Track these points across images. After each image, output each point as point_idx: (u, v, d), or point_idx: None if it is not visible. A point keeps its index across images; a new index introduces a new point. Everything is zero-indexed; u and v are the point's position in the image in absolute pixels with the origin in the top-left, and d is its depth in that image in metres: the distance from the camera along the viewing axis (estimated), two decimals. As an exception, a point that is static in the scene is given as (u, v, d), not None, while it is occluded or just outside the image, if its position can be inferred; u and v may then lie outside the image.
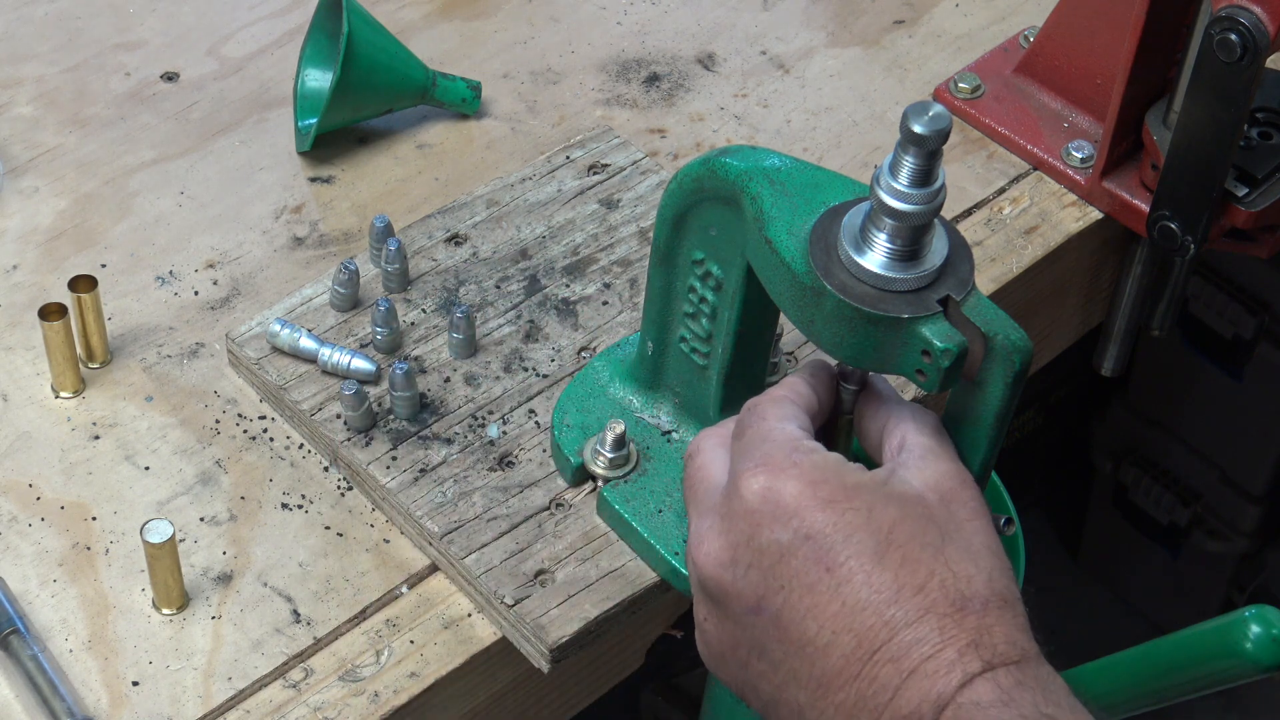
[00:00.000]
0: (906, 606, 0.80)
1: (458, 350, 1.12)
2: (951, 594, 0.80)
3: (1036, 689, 0.79)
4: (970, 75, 1.32)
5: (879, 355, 0.86)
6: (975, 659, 0.79)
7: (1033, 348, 0.85)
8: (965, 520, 0.84)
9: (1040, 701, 0.78)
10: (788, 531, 0.82)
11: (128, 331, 1.16)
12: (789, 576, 0.82)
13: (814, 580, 0.81)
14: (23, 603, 1.03)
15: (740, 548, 0.84)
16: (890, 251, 0.84)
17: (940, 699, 0.78)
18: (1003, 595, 0.81)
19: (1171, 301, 1.34)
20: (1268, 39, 1.09)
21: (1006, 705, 0.78)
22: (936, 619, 0.80)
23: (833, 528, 0.82)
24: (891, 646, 0.80)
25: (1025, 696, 0.78)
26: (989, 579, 0.81)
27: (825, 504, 0.82)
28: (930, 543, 0.82)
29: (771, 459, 0.84)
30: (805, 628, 0.82)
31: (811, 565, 0.82)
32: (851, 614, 0.81)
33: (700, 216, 0.95)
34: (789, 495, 0.83)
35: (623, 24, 1.38)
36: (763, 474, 0.84)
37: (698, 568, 0.86)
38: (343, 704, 1.00)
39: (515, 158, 1.28)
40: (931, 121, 0.81)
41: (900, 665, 0.79)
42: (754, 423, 0.88)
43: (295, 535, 1.06)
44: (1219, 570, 1.94)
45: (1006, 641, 0.80)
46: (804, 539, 0.82)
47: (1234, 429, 1.87)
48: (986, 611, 0.80)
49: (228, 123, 1.29)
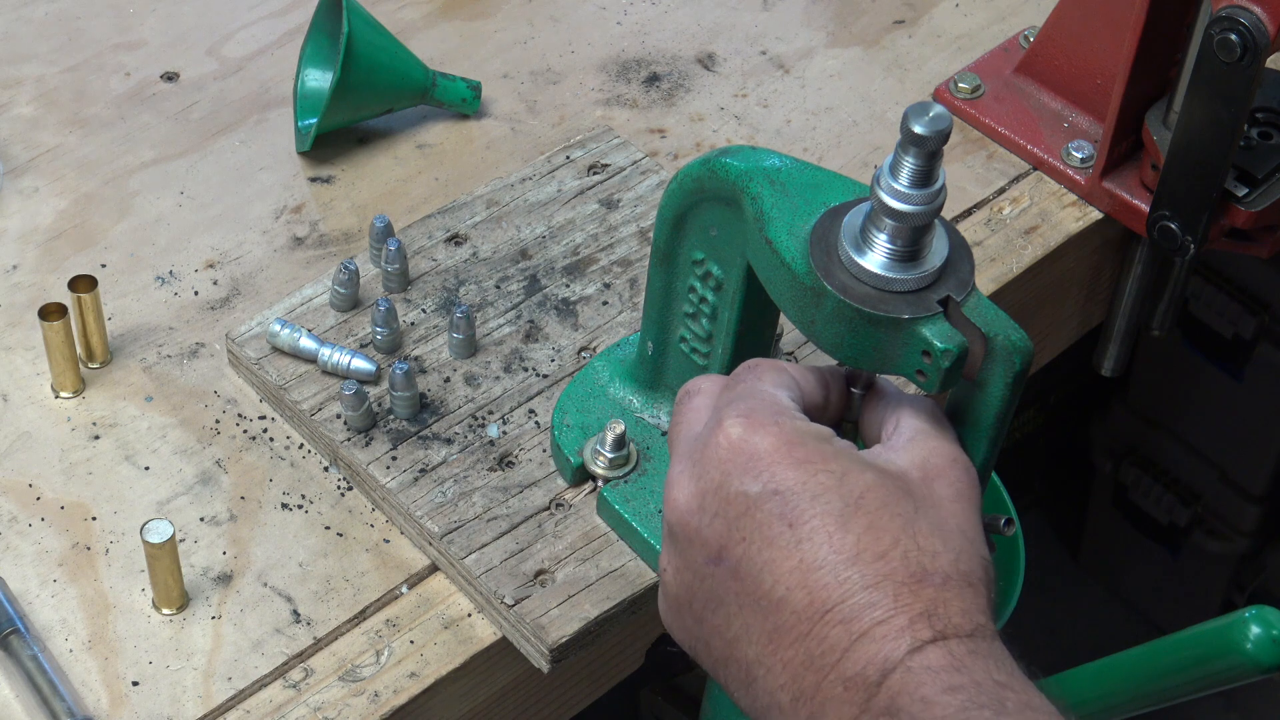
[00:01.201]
0: (864, 570, 0.79)
1: (458, 350, 1.12)
2: (913, 565, 0.80)
3: (989, 659, 0.78)
4: (970, 75, 1.32)
5: (879, 356, 0.86)
6: (927, 628, 0.78)
7: (1033, 348, 0.85)
8: (945, 500, 0.83)
9: (993, 669, 0.78)
10: (757, 484, 0.82)
11: (128, 331, 1.16)
12: (752, 529, 0.82)
13: (775, 534, 0.81)
14: (23, 603, 1.03)
15: (709, 494, 0.83)
16: (890, 252, 0.84)
17: (888, 662, 0.77)
18: (966, 576, 0.80)
19: (1171, 301, 1.34)
20: (1268, 39, 1.09)
21: (958, 671, 0.77)
22: (893, 586, 0.79)
23: (801, 486, 0.81)
24: (844, 608, 0.79)
25: (978, 664, 0.78)
26: (955, 558, 0.81)
27: (798, 463, 0.82)
28: (900, 513, 0.81)
29: (754, 413, 0.84)
30: (761, 580, 0.81)
31: (775, 520, 0.81)
32: (808, 571, 0.80)
33: (700, 217, 0.95)
34: (763, 449, 0.82)
35: (623, 24, 1.38)
36: (741, 424, 0.83)
37: (668, 509, 0.86)
38: (343, 704, 1.00)
39: (515, 158, 1.28)
40: (932, 122, 0.81)
41: (850, 627, 0.79)
42: (748, 379, 0.87)
43: (295, 535, 1.06)
44: (1219, 570, 1.94)
45: (961, 614, 0.79)
46: (772, 493, 0.81)
47: (1234, 429, 1.87)
48: (946, 586, 0.79)
49: (228, 123, 1.29)
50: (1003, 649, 0.80)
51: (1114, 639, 2.05)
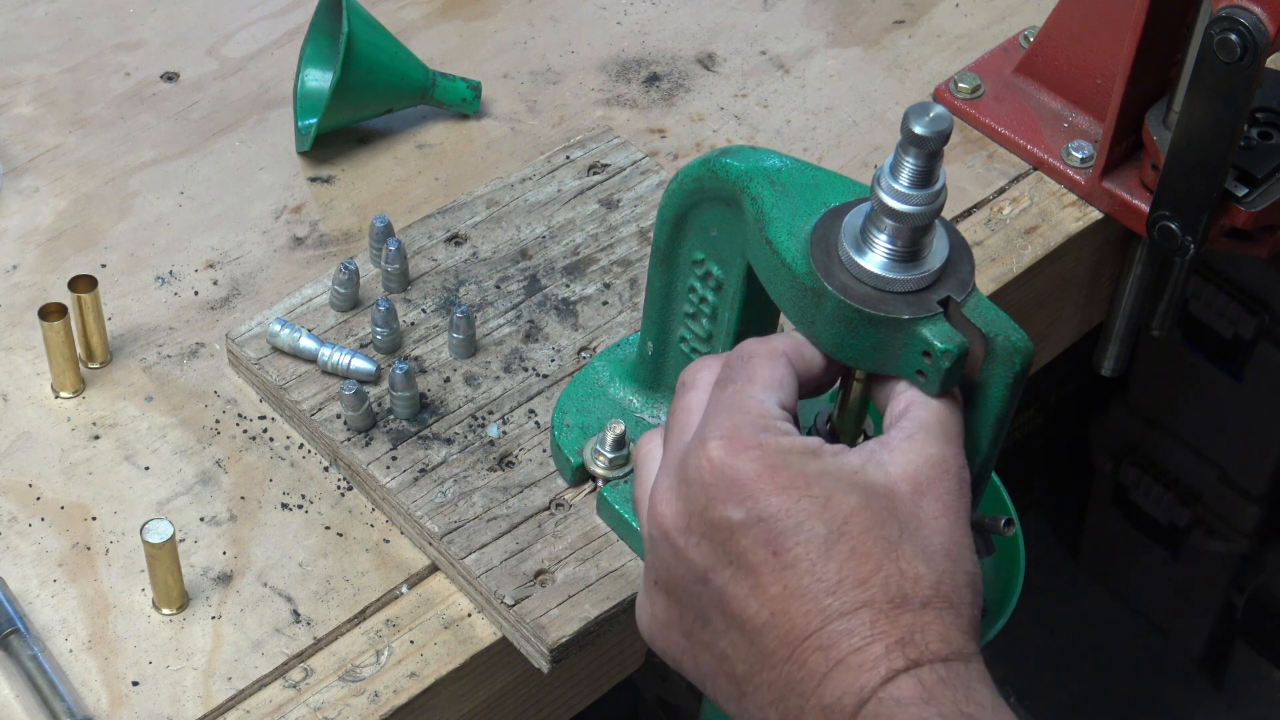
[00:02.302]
0: (844, 598, 0.79)
1: (458, 350, 1.12)
2: (893, 591, 0.80)
3: (960, 687, 0.78)
4: (970, 75, 1.32)
5: (879, 356, 0.86)
6: (901, 656, 0.78)
7: (1033, 348, 0.85)
8: (932, 518, 0.83)
9: (961, 700, 0.78)
10: (741, 510, 0.82)
11: (128, 331, 1.16)
12: (737, 554, 0.82)
13: (759, 561, 0.81)
14: (23, 603, 1.03)
15: (694, 517, 0.83)
16: (891, 252, 0.84)
17: (862, 692, 0.78)
18: (948, 598, 0.81)
19: (1171, 301, 1.34)
20: (1268, 39, 1.09)
21: (927, 703, 0.77)
22: (870, 613, 0.79)
23: (785, 513, 0.81)
24: (822, 635, 0.79)
25: (946, 695, 0.78)
26: (937, 580, 0.81)
27: (782, 489, 0.82)
28: (885, 537, 0.81)
29: (739, 433, 0.83)
30: (747, 605, 0.81)
31: (760, 546, 0.81)
32: (790, 598, 0.80)
33: (700, 217, 0.95)
34: (746, 475, 0.82)
35: (623, 24, 1.38)
36: (724, 446, 0.83)
37: (654, 523, 0.85)
38: (343, 704, 1.00)
39: (515, 158, 1.28)
40: (932, 123, 0.81)
41: (829, 654, 0.79)
42: (739, 379, 0.86)
43: (295, 535, 1.06)
44: (1219, 570, 1.94)
45: (940, 639, 0.79)
46: (756, 520, 0.81)
47: (1234, 429, 1.87)
48: (926, 610, 0.80)
49: (228, 123, 1.29)
50: (980, 670, 0.80)
51: (1114, 639, 2.06)
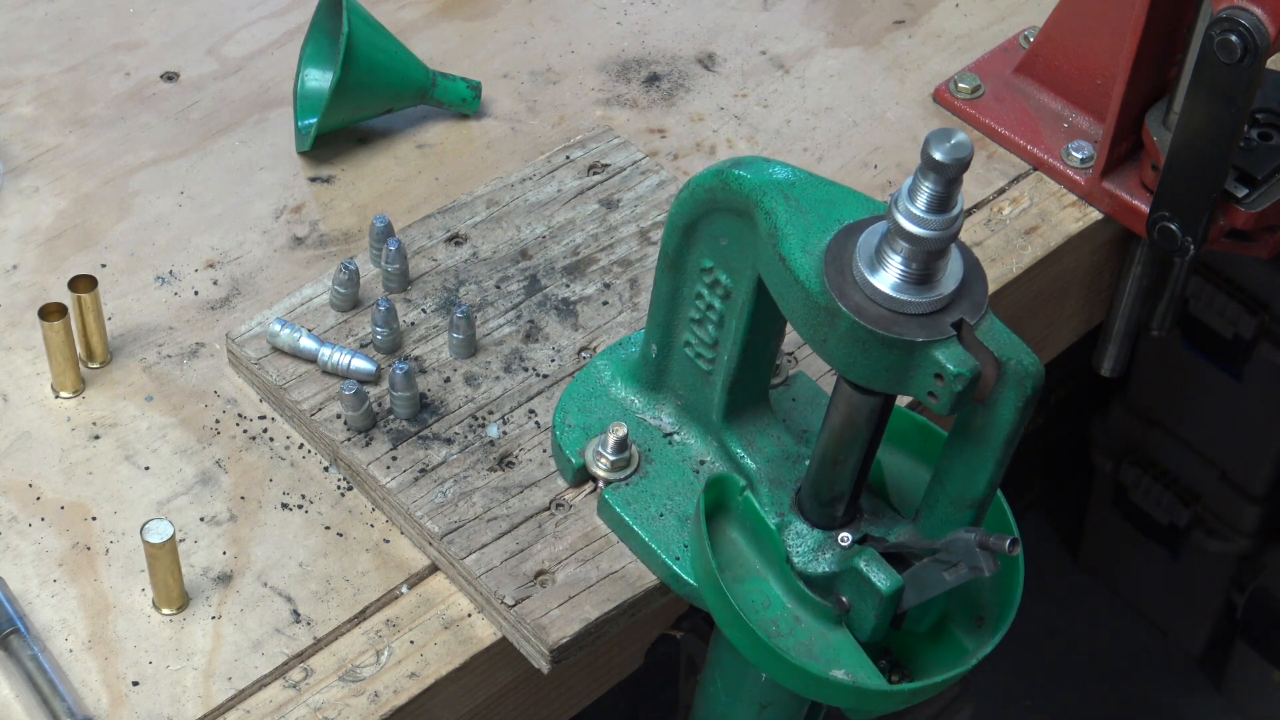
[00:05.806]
0: None
1: (458, 350, 1.12)
2: None
3: None
4: (970, 75, 1.32)
5: (891, 376, 0.85)
6: None
7: (1044, 373, 0.85)
8: None
9: None
10: None
11: (128, 331, 1.16)
12: None
13: None
14: (23, 603, 1.03)
15: None
16: (905, 274, 0.84)
17: None
18: None
19: (1171, 301, 1.34)
20: (1268, 40, 1.09)
21: None
22: None
23: None
24: None
25: None
26: None
27: None
28: None
29: None
30: None
31: None
32: None
33: (711, 226, 0.95)
34: None
35: (623, 24, 1.38)
36: None
37: None
38: (343, 704, 1.00)
39: (515, 158, 1.28)
40: (953, 150, 0.80)
41: None
42: None
43: (295, 535, 1.06)
44: (1219, 570, 1.94)
45: None
46: None
47: (1234, 429, 1.87)
48: None
49: (228, 123, 1.29)
50: None
51: (1114, 639, 2.06)
